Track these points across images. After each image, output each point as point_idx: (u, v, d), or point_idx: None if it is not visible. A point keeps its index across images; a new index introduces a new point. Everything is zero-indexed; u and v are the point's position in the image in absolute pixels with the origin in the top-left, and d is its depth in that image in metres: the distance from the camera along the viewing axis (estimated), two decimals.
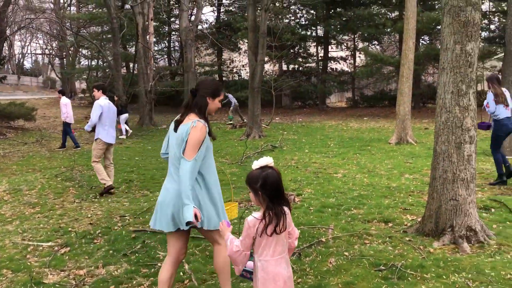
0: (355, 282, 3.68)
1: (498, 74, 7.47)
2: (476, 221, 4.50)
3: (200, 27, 28.18)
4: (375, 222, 5.31)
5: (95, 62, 35.06)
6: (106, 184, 7.02)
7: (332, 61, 30.54)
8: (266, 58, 23.01)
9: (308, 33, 29.90)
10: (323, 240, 4.67)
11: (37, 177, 8.59)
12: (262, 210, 2.47)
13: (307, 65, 30.01)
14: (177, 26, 29.11)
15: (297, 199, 6.47)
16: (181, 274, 3.94)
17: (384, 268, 3.91)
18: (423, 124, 17.68)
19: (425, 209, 4.84)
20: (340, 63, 30.79)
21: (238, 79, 32.46)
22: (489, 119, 7.28)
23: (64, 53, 37.34)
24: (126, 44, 31.17)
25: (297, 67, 30.36)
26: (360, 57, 30.71)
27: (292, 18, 29.70)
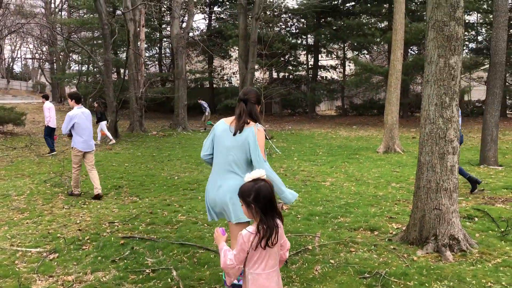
0: None
1: None
2: (459, 230, 4.61)
3: (191, 34, 28.30)
4: (361, 230, 5.41)
5: (86, 68, 34.94)
6: (74, 192, 7.50)
7: (322, 70, 30.80)
8: (256, 66, 23.20)
9: (299, 41, 30.17)
10: (310, 248, 4.75)
11: (26, 183, 8.56)
12: (256, 224, 2.47)
13: (297, 73, 30.22)
14: (168, 33, 29.19)
15: (285, 207, 6.54)
16: (169, 280, 3.99)
17: (368, 275, 3.99)
18: (411, 133, 17.91)
19: (410, 218, 4.95)
20: (330, 72, 31.06)
21: (228, 86, 32.56)
22: None
23: (55, 58, 37.22)
24: (117, 50, 31.13)
25: (287, 75, 30.57)
26: (349, 66, 31.00)
27: (283, 26, 29.96)
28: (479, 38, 26.71)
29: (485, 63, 23.16)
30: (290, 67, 29.82)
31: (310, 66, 30.30)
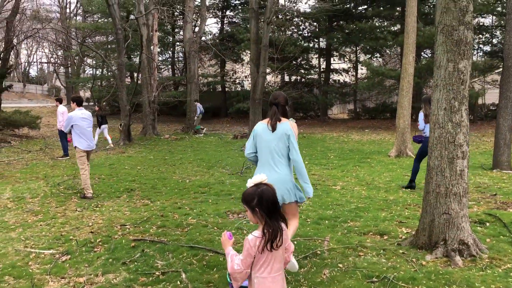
0: None
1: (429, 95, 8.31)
2: (468, 235, 4.59)
3: (203, 38, 28.48)
4: (371, 234, 5.40)
5: (100, 72, 35.37)
6: (86, 194, 7.61)
7: (334, 73, 30.74)
8: (268, 70, 23.26)
9: (311, 45, 30.13)
10: (319, 251, 4.77)
11: (40, 185, 8.71)
12: (261, 228, 2.50)
13: (309, 76, 30.18)
14: (181, 37, 29.41)
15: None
16: (178, 283, 4.04)
17: (376, 280, 4.00)
18: None
19: (419, 222, 4.93)
20: (342, 75, 30.98)
21: (240, 90, 32.66)
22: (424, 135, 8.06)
23: (69, 62, 37.73)
24: (130, 54, 31.47)
25: (299, 78, 30.55)
26: (362, 69, 30.89)
27: (295, 30, 29.97)
28: (494, 41, 26.40)
29: (499, 66, 22.86)
30: (302, 71, 29.79)
31: (322, 70, 30.25)
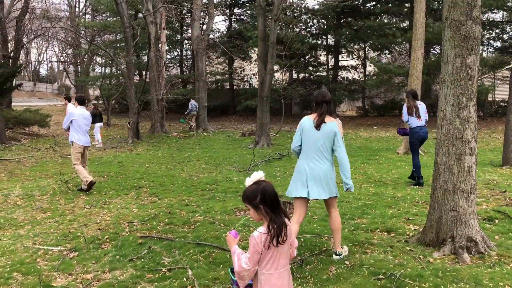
0: None
1: (415, 90, 8.68)
2: (476, 232, 4.54)
3: (211, 36, 28.50)
4: (378, 231, 5.38)
5: (109, 70, 35.56)
6: (88, 180, 7.80)
7: (343, 70, 30.61)
8: (276, 67, 23.19)
9: (319, 42, 30.04)
10: (325, 249, 4.75)
11: (49, 183, 8.79)
12: (266, 224, 2.50)
13: (318, 74, 30.09)
14: (189, 35, 29.47)
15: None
16: (185, 279, 4.05)
17: (383, 277, 3.97)
18: (433, 134, 17.62)
19: (426, 219, 4.90)
20: (350, 72, 30.84)
21: (248, 88, 32.65)
22: (408, 127, 8.37)
23: (79, 61, 37.98)
24: (139, 53, 31.60)
25: (307, 76, 30.47)
26: (370, 65, 30.72)
27: (303, 27, 29.87)
28: (504, 36, 26.08)
29: (510, 62, 22.63)
30: (310, 68, 29.71)
31: (330, 67, 30.14)
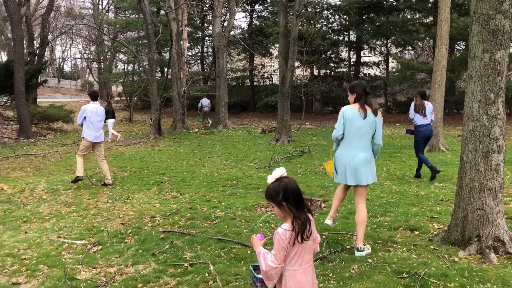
0: None
1: (424, 90, 8.72)
2: (504, 231, 4.43)
3: (232, 33, 28.50)
4: (401, 229, 5.30)
5: (131, 67, 35.96)
6: (78, 175, 8.00)
7: (365, 66, 30.25)
8: (297, 63, 23.07)
9: (340, 38, 29.74)
10: (348, 246, 4.71)
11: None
12: (290, 220, 2.47)
13: (339, 70, 29.80)
14: (210, 31, 29.53)
15: (323, 205, 6.51)
16: (206, 274, 4.06)
17: (406, 275, 3.91)
18: (457, 131, 17.30)
19: (451, 218, 4.80)
20: (372, 68, 30.46)
21: (269, 84, 32.58)
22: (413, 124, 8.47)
23: (102, 58, 38.53)
24: (161, 50, 31.85)
25: (329, 72, 30.22)
26: (393, 62, 30.31)
27: (324, 23, 29.61)
28: None
29: None
30: (332, 64, 29.45)
31: (352, 63, 29.83)
